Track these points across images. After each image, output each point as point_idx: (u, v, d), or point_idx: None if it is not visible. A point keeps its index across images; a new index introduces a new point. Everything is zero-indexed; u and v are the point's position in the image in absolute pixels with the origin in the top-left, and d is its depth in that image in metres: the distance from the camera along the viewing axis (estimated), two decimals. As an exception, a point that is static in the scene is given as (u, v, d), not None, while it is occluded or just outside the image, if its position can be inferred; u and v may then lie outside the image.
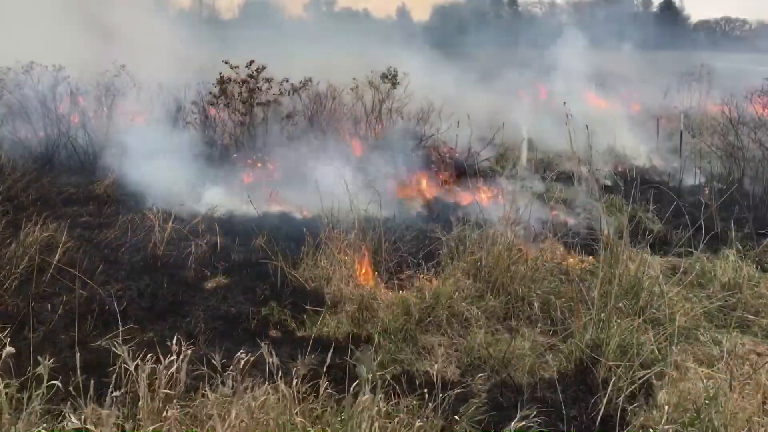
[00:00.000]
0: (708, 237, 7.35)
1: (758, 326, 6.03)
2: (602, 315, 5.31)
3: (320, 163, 9.30)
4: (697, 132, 13.61)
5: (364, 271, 6.72)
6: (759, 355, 5.39)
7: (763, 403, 4.35)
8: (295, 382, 3.93)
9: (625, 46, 21.15)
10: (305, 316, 5.98)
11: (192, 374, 4.37)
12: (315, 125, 11.42)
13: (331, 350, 4.08)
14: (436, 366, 4.22)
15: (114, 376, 3.74)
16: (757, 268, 7.18)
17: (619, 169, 11.82)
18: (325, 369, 4.07)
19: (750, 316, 6.17)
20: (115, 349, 3.85)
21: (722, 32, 59.54)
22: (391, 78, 12.07)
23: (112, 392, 3.58)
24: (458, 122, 11.78)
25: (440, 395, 3.93)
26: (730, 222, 7.85)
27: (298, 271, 6.67)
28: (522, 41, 17.03)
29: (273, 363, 3.91)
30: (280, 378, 3.89)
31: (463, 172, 10.61)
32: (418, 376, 4.88)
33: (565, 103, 9.82)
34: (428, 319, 5.88)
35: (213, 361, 3.98)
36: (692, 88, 19.82)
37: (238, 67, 10.87)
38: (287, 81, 11.29)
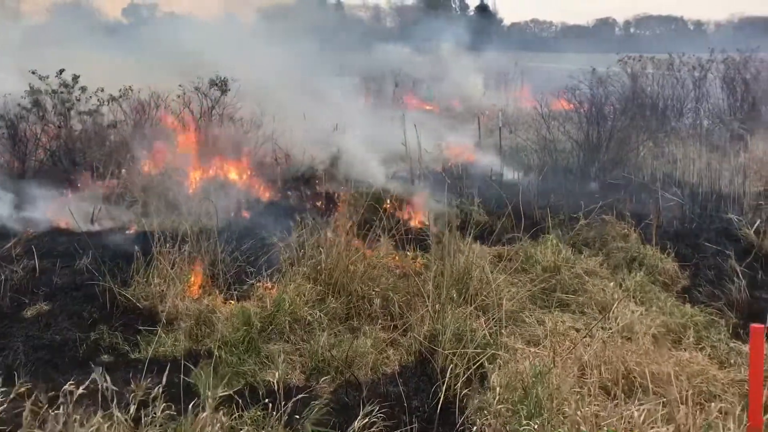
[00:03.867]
0: (529, 225, 7.94)
1: (576, 304, 6.57)
2: (437, 306, 5.54)
3: (149, 175, 8.91)
4: (514, 128, 14.58)
5: (200, 284, 6.52)
6: (577, 330, 5.87)
7: (582, 374, 4.76)
8: (131, 407, 3.73)
9: (447, 48, 22.23)
10: (139, 337, 5.69)
11: (13, 412, 4.00)
12: (139, 135, 10.86)
13: (167, 370, 3.92)
14: (277, 374, 4.18)
15: None
16: (573, 250, 7.82)
17: (447, 166, 12.36)
18: (161, 390, 3.89)
19: (569, 296, 6.71)
20: None
21: (532, 34, 64.41)
22: (220, 84, 11.76)
23: None
24: (291, 128, 11.74)
25: (284, 403, 3.90)
26: (547, 209, 8.47)
27: (129, 290, 6.32)
28: (349, 44, 17.33)
29: (107, 389, 3.68)
30: (115, 405, 3.68)
31: (300, 176, 10.61)
32: (262, 386, 4.81)
33: (396, 102, 10.12)
34: (270, 328, 5.82)
35: (38, 396, 3.67)
36: (508, 87, 21.24)
37: (48, 77, 10.06)
38: (102, 90, 10.62)
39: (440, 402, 4.56)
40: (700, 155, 11.53)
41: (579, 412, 3.93)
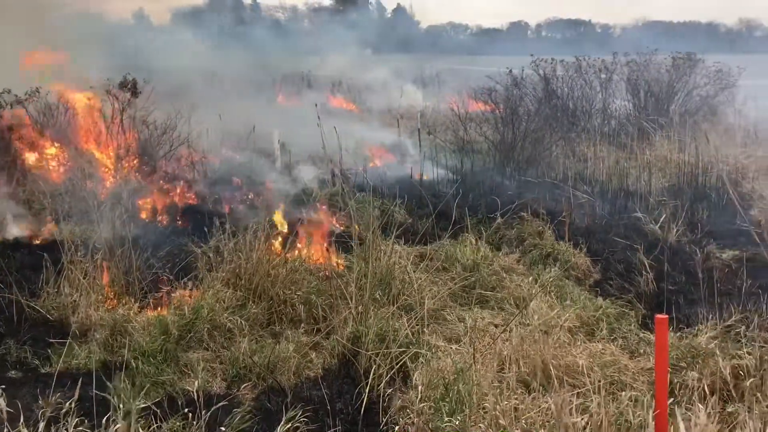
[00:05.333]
0: (450, 225, 8.07)
1: (495, 300, 6.72)
2: (360, 308, 5.56)
3: (57, 182, 8.53)
4: (433, 129, 14.80)
5: (114, 293, 6.30)
6: (496, 326, 6.01)
7: (501, 369, 4.88)
8: (39, 424, 3.56)
9: (364, 50, 22.34)
10: (50, 351, 5.45)
11: None
12: (46, 139, 10.39)
13: (80, 383, 3.77)
14: (196, 383, 4.09)
15: None
16: (491, 248, 8.00)
17: (368, 167, 12.42)
18: (74, 404, 3.73)
19: (488, 292, 6.87)
20: None
21: (448, 36, 65.63)
22: (131, 86, 11.38)
23: None
24: (207, 129, 11.53)
25: (204, 412, 3.82)
26: (466, 209, 8.63)
27: (39, 301, 6.04)
28: (267, 46, 17.15)
29: (17, 405, 3.51)
30: (22, 423, 3.51)
31: (218, 178, 10.41)
32: (181, 396, 4.69)
33: (316, 105, 10.10)
34: (189, 336, 5.68)
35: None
36: (426, 89, 21.53)
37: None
38: (9, 92, 10.11)
39: (364, 403, 4.58)
40: (608, 154, 12.05)
41: (498, 407, 4.03)
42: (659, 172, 11.32)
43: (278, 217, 8.33)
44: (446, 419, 4.14)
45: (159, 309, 6.15)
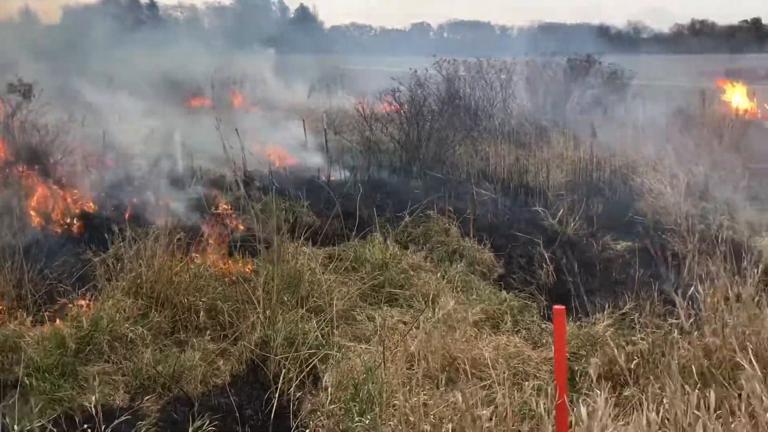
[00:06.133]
0: (358, 224, 8.09)
1: (403, 298, 6.79)
2: (268, 312, 5.49)
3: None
4: (339, 129, 14.80)
5: (5, 308, 5.93)
6: (405, 324, 6.07)
7: (410, 365, 4.93)
8: None
9: (267, 50, 22.07)
10: (-69, 372, 5.07)
11: None
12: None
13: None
14: (94, 397, 3.91)
15: None
16: (399, 247, 8.07)
17: (274, 168, 12.26)
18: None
19: (397, 291, 6.93)
20: None
21: (352, 37, 65.81)
22: (23, 89, 10.72)
23: None
24: (104, 133, 11.06)
25: (104, 427, 3.66)
26: (373, 209, 8.68)
27: None
28: (165, 46, 16.60)
29: None
30: None
31: (117, 184, 9.99)
32: (78, 413, 4.48)
33: (218, 106, 9.87)
34: (88, 348, 5.43)
35: None
36: (331, 89, 21.51)
37: None
38: None
39: (274, 408, 4.52)
40: (509, 152, 12.43)
41: (407, 403, 4.07)
42: (557, 169, 11.78)
43: (181, 223, 8.08)
44: (356, 419, 4.15)
45: (54, 322, 5.83)
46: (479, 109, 15.81)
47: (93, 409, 3.72)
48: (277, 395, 4.56)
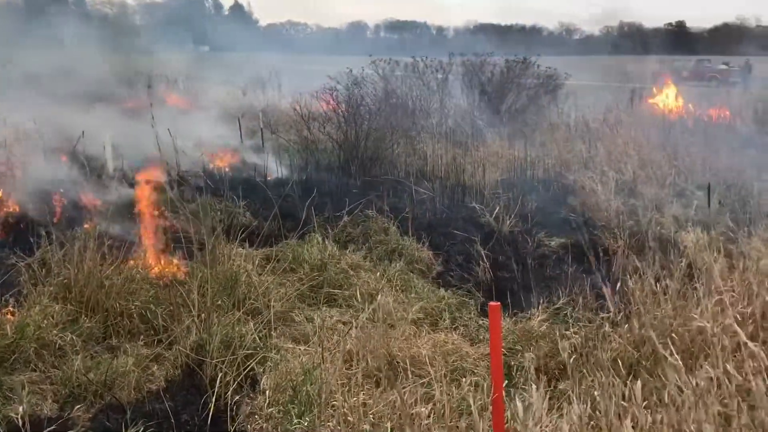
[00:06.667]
0: (296, 225, 8.01)
1: (342, 298, 6.76)
2: (203, 315, 5.37)
3: None
4: (276, 128, 14.64)
5: None
6: (344, 324, 6.05)
7: (350, 365, 4.92)
8: None
9: (201, 48, 21.66)
10: None
11: None
12: None
13: None
14: (21, 408, 3.75)
15: None
16: (338, 247, 8.04)
17: (209, 168, 12.04)
18: None
19: (336, 290, 6.90)
20: None
21: (288, 35, 65.31)
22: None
23: None
24: (26, 133, 10.62)
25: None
26: (312, 208, 8.61)
27: None
28: (94, 43, 16.05)
29: None
30: None
31: (42, 185, 9.59)
32: (6, 423, 4.28)
33: (151, 104, 9.62)
34: (13, 357, 5.20)
35: None
36: (267, 88, 21.25)
37: None
38: None
39: (210, 413, 4.43)
40: (446, 151, 12.56)
41: (346, 403, 4.06)
42: (492, 167, 11.97)
43: (111, 225, 7.83)
44: (295, 421, 4.11)
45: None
46: (417, 109, 15.91)
47: (20, 420, 3.56)
48: (213, 399, 4.47)
